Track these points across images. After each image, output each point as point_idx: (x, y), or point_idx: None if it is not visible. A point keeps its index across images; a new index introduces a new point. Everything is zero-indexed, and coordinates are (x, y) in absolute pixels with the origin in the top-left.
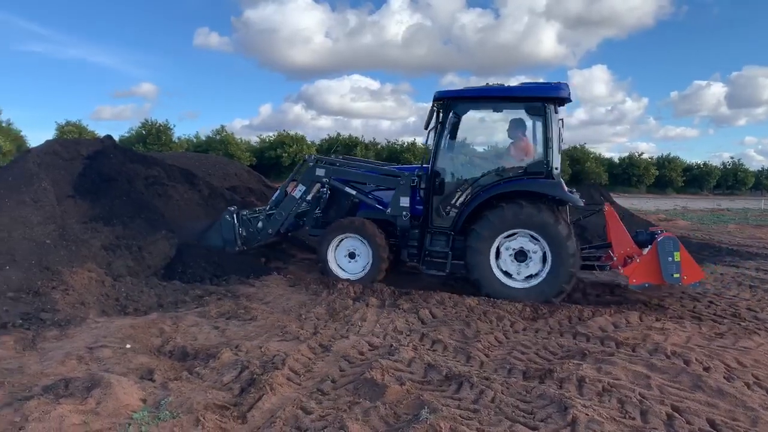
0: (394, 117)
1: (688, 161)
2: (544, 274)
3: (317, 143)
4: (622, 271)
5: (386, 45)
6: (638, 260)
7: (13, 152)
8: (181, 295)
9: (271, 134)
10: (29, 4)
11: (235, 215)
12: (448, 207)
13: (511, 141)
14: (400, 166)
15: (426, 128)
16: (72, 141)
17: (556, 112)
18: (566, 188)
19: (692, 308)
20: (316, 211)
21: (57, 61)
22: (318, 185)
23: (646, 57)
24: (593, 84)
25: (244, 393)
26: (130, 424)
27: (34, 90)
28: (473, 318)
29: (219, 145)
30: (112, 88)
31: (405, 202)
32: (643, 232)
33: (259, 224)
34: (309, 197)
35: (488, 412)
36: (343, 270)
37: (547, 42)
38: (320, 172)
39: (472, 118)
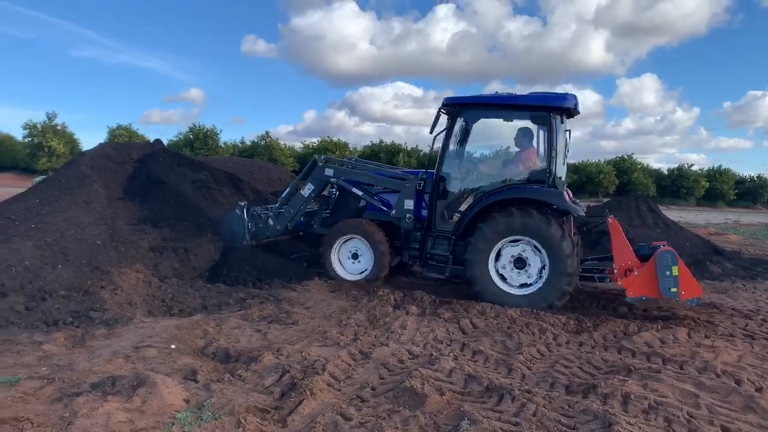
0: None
1: (740, 174)
2: (538, 285)
3: (360, 149)
4: (620, 283)
5: (431, 52)
6: (636, 273)
7: (67, 155)
8: (224, 298)
9: (314, 140)
10: (84, 11)
11: (245, 210)
12: (451, 212)
13: (518, 150)
14: (407, 169)
15: (431, 133)
16: (123, 144)
17: (563, 123)
18: (569, 198)
19: (744, 326)
20: (325, 211)
21: (109, 66)
22: (328, 185)
23: (698, 66)
24: (642, 93)
25: (285, 397)
26: (173, 424)
27: (87, 94)
28: (515, 329)
29: (264, 150)
30: (161, 93)
31: (409, 204)
32: (645, 246)
33: (269, 221)
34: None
35: (530, 426)
36: (347, 271)
37: (596, 50)
38: (329, 172)
39: (479, 124)
